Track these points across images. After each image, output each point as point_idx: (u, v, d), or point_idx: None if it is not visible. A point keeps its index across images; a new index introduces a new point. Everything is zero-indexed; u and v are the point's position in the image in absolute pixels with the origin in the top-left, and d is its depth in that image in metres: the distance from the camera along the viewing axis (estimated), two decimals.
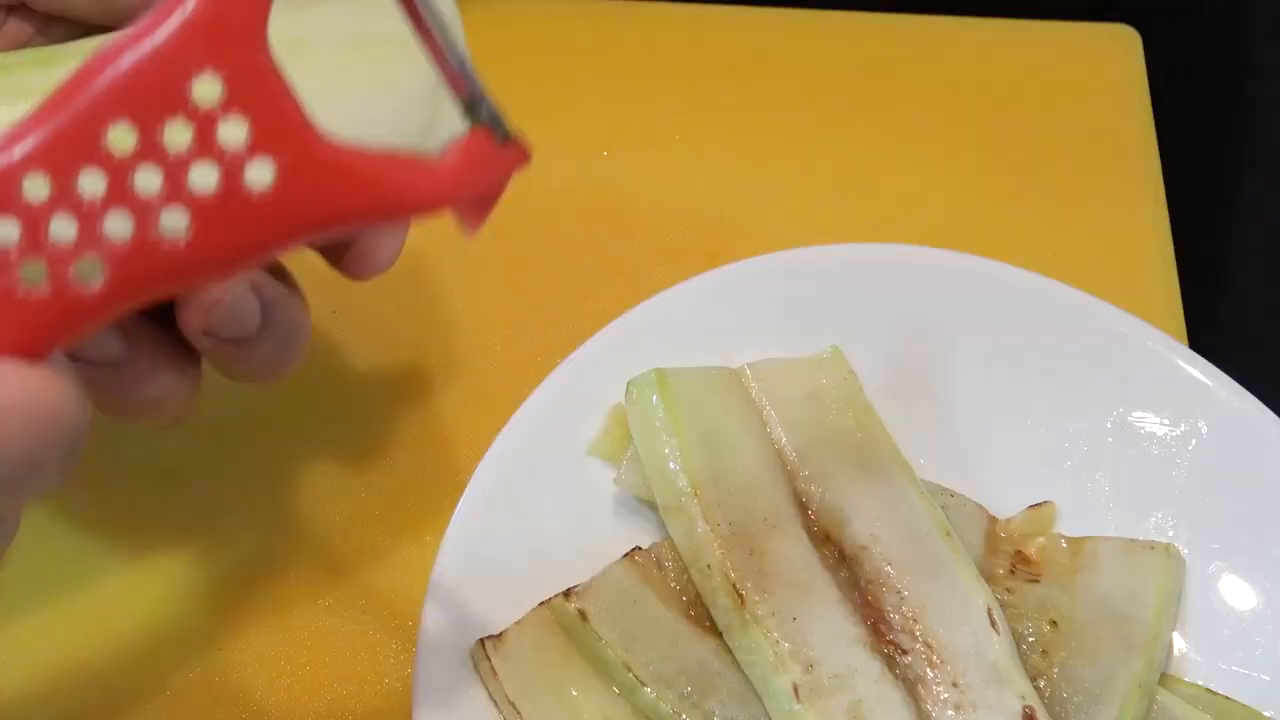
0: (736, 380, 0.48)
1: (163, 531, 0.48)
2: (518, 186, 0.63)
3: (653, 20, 0.64)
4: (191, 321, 0.33)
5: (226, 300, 0.33)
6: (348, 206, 0.30)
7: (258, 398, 0.51)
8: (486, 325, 0.53)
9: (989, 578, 0.45)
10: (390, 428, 0.51)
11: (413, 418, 0.51)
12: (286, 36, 0.32)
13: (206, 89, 0.28)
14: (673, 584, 0.45)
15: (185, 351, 0.35)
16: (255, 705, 0.45)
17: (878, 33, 0.64)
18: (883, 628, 0.43)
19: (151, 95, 0.28)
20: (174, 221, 0.28)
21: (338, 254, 0.37)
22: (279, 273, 0.37)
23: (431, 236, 0.56)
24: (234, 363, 0.35)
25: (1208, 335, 0.54)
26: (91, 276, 0.28)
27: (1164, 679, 0.44)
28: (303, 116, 0.29)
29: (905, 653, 0.43)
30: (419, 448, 0.50)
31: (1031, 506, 0.48)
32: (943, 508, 0.46)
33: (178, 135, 0.28)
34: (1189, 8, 0.71)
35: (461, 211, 0.32)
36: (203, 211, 0.29)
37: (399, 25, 0.32)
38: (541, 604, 0.44)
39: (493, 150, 0.32)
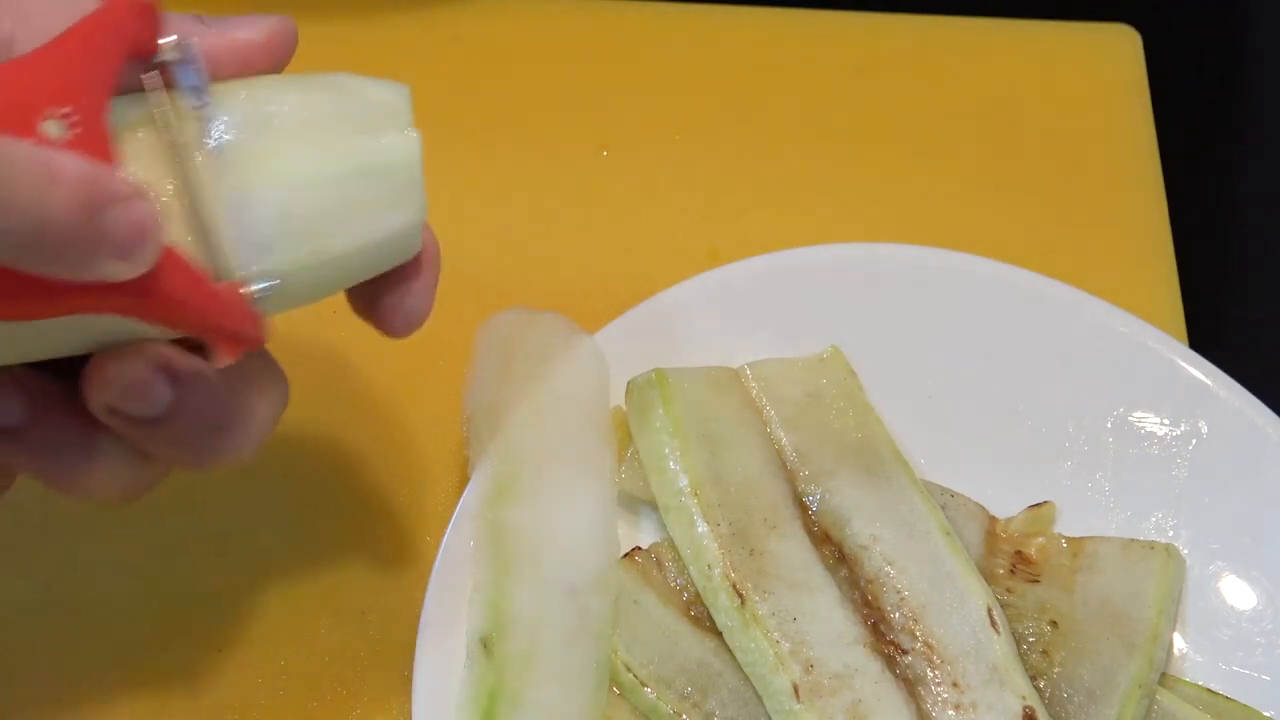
0: (736, 380, 0.48)
1: (163, 532, 0.48)
2: (517, 186, 0.63)
3: (653, 20, 0.64)
4: (93, 396, 0.32)
5: (128, 377, 0.32)
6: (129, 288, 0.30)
7: None
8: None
9: (989, 578, 0.45)
10: (390, 427, 0.51)
11: (413, 417, 0.51)
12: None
13: (54, 129, 0.29)
14: (673, 584, 0.45)
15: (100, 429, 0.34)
16: (255, 705, 0.45)
17: (877, 33, 0.64)
18: (883, 628, 0.43)
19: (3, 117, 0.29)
20: None
21: (370, 312, 0.37)
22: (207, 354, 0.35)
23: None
24: (150, 444, 0.34)
25: (1208, 335, 0.54)
26: None
27: (1164, 679, 0.44)
28: None
29: (905, 653, 0.43)
30: (419, 447, 0.50)
31: (1031, 506, 0.48)
32: (943, 508, 0.46)
33: None
34: (1189, 8, 0.71)
35: (219, 338, 0.33)
36: None
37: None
38: None
39: (253, 312, 0.33)
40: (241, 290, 0.33)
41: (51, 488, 0.34)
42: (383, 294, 0.37)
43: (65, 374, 0.33)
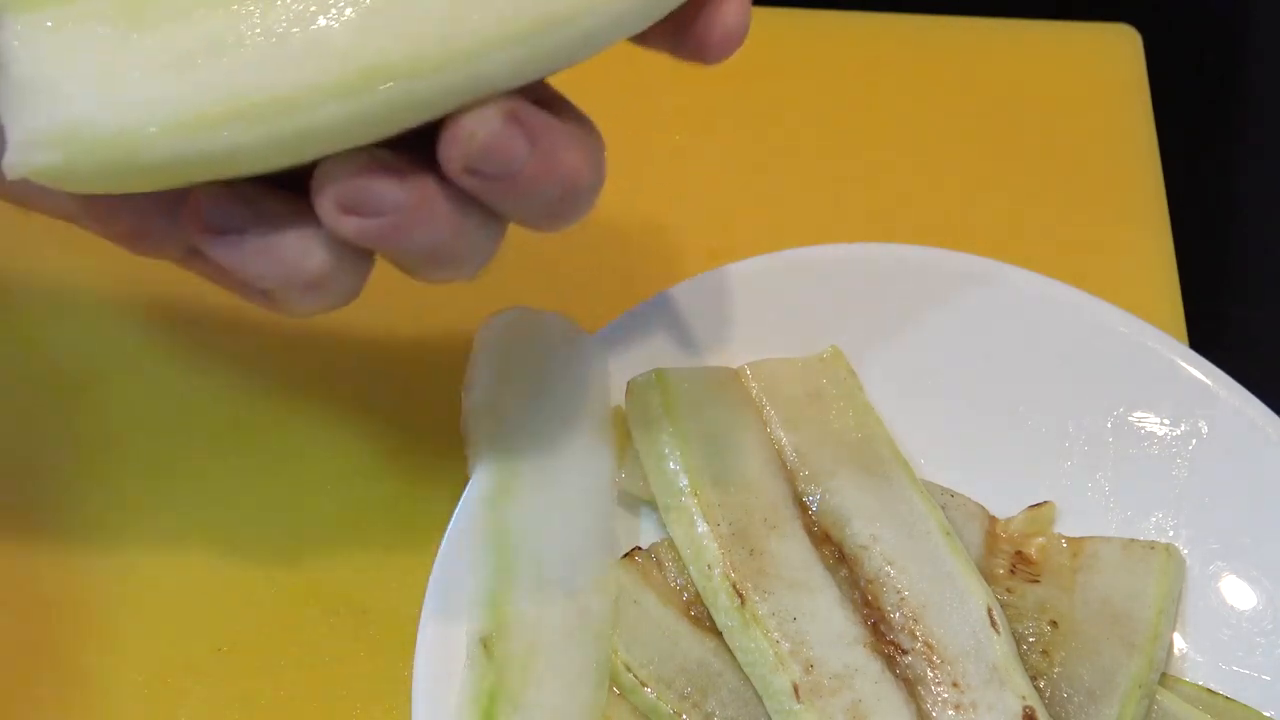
0: (736, 380, 0.48)
1: (162, 532, 0.48)
2: None
3: None
4: (449, 155, 0.32)
5: (484, 132, 0.32)
6: None
7: (258, 399, 0.51)
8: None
9: (989, 578, 0.45)
10: (390, 427, 0.51)
11: (413, 417, 0.51)
12: None
13: None
14: (673, 584, 0.45)
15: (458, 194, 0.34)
16: (255, 706, 0.45)
17: (878, 33, 0.64)
18: (883, 628, 0.43)
19: None
20: None
21: (681, 40, 0.36)
22: (556, 106, 0.35)
23: None
24: (506, 203, 0.34)
25: (1208, 335, 0.54)
26: None
27: (1164, 679, 0.44)
28: None
29: (905, 653, 0.43)
30: (418, 447, 0.50)
31: (1031, 506, 0.48)
32: (943, 508, 0.46)
33: None
34: (1189, 8, 0.72)
35: None
36: None
37: None
38: None
39: None
40: None
41: (431, 261, 0.34)
42: (693, 16, 0.36)
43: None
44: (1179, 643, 0.45)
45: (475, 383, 0.47)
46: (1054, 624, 0.44)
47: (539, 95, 0.35)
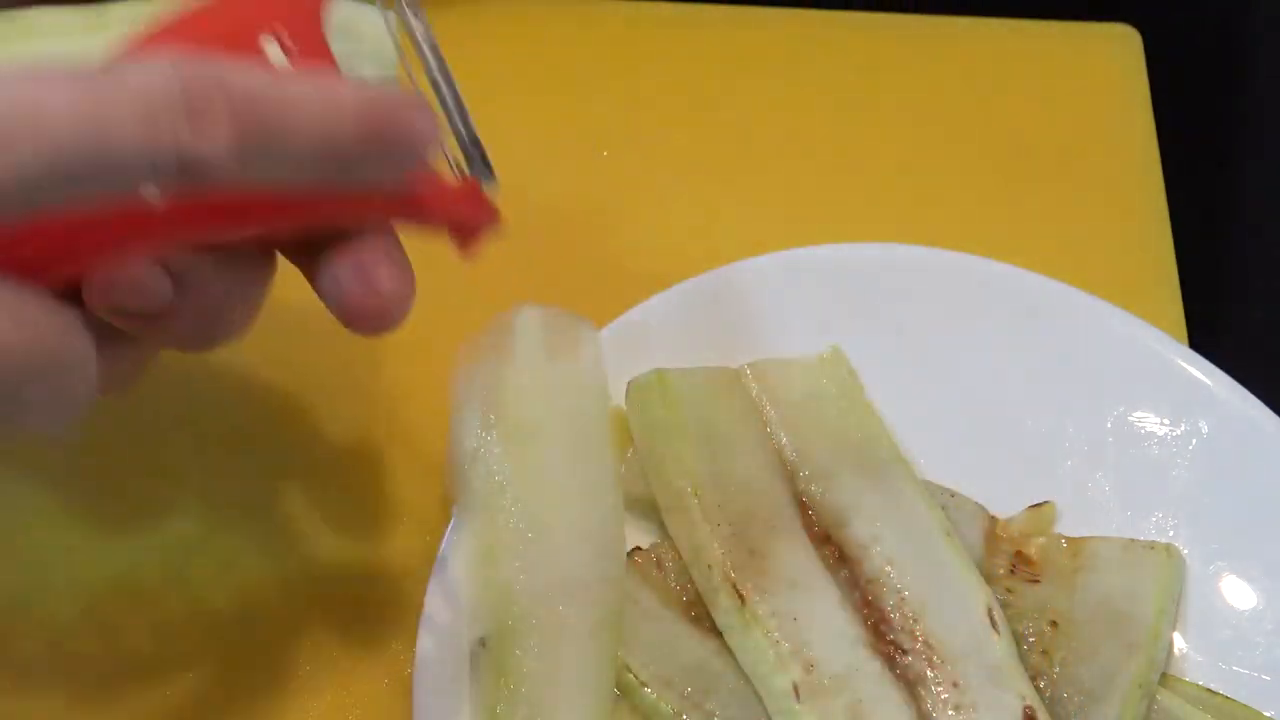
0: (736, 380, 0.48)
1: (161, 532, 0.48)
2: (518, 185, 0.63)
3: (652, 20, 0.64)
4: (95, 301, 0.33)
5: (126, 278, 0.33)
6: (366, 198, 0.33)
7: (258, 397, 0.51)
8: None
9: (989, 578, 0.45)
10: (391, 428, 0.51)
11: (413, 418, 0.51)
12: None
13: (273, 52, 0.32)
14: (673, 584, 0.45)
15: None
16: (256, 707, 0.45)
17: (878, 33, 0.64)
18: (883, 628, 0.43)
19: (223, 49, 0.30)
20: None
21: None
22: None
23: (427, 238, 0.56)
24: (152, 336, 0.35)
25: (1208, 335, 0.54)
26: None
27: (1164, 679, 0.44)
28: None
29: (905, 653, 0.43)
30: (420, 447, 0.50)
31: (1031, 506, 0.48)
32: (943, 508, 0.46)
33: None
34: (1189, 8, 0.71)
35: (461, 235, 0.36)
36: None
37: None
38: None
39: (481, 193, 0.36)
40: (474, 180, 0.35)
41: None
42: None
43: None
44: (1179, 643, 0.45)
45: (477, 384, 0.47)
46: (1054, 624, 0.44)
47: None
